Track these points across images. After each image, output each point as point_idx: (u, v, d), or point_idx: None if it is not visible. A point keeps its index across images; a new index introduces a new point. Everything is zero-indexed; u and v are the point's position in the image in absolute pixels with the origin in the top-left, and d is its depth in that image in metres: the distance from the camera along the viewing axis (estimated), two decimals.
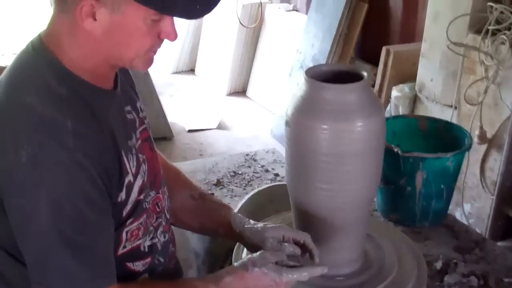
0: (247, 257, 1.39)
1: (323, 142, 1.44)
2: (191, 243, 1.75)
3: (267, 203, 1.93)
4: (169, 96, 5.42)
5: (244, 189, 2.25)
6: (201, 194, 1.68)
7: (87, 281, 1.23)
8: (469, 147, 2.01)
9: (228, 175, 2.35)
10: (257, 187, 2.16)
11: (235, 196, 2.20)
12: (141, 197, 1.39)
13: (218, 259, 1.78)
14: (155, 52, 1.33)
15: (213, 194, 2.15)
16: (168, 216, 1.55)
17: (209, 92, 5.58)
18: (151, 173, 1.45)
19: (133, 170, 1.36)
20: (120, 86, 1.42)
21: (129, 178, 1.34)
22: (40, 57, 1.29)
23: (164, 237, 1.52)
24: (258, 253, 1.39)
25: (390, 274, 1.60)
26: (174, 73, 5.98)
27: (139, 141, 1.43)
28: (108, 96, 1.35)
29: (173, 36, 1.29)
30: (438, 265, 1.79)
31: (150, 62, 1.34)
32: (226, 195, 2.20)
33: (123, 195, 1.33)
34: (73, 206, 1.21)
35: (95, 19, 1.22)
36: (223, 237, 1.62)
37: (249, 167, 2.44)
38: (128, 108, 1.44)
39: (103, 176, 1.25)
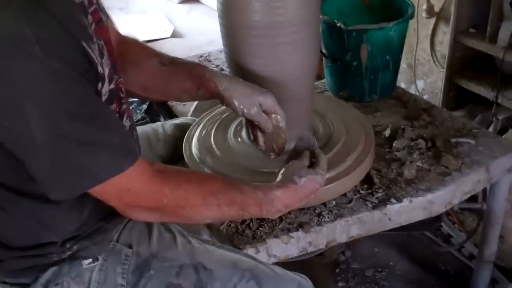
0: (284, 172, 1.35)
1: (254, 14, 1.42)
2: None
3: None
4: (119, 10, 5.29)
5: None
6: (170, 58, 1.60)
7: (114, 164, 1.16)
8: (411, 16, 2.00)
9: None
10: None
11: None
12: (112, 85, 1.30)
13: None
14: None
15: None
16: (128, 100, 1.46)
17: (160, 1, 5.47)
18: (111, 57, 1.34)
19: (99, 59, 1.23)
20: None
21: (99, 68, 1.22)
22: None
23: (130, 121, 1.45)
24: (289, 164, 1.36)
25: (338, 143, 1.63)
26: None
27: (93, 25, 1.28)
28: None
29: None
30: (387, 132, 1.82)
31: None
32: None
33: (99, 85, 1.23)
34: (67, 110, 1.10)
35: None
36: (202, 98, 1.55)
37: None
38: None
39: (81, 71, 1.14)
